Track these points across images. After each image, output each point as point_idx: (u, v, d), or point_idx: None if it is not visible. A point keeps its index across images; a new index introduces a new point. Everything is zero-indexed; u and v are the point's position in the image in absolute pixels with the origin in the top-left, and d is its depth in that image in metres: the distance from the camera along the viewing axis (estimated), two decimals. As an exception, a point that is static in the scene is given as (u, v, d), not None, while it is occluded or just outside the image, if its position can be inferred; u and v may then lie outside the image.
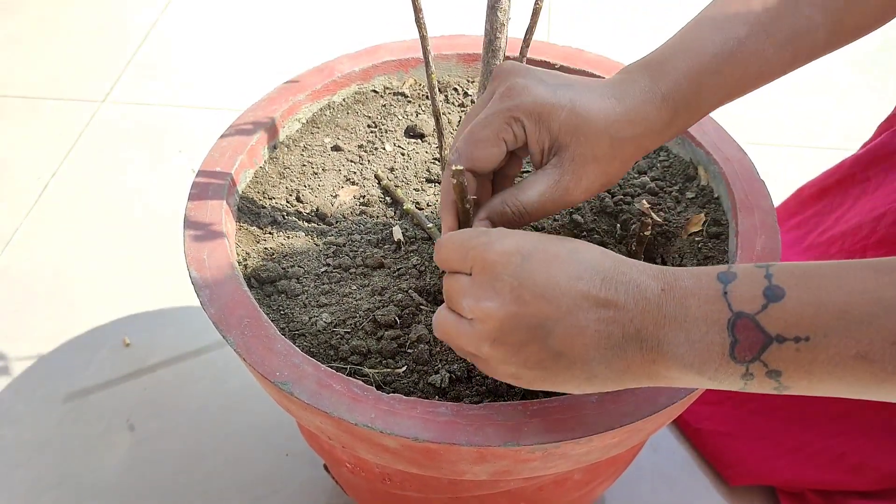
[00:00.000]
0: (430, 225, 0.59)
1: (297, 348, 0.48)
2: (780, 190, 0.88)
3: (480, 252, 0.39)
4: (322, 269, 0.57)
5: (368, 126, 0.69)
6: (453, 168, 0.40)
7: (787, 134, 1.29)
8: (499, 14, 0.48)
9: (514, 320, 0.37)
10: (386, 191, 0.63)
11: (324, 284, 0.56)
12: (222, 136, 0.63)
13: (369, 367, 0.50)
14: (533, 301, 0.37)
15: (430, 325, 0.53)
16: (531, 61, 0.70)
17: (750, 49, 0.45)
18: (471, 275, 0.39)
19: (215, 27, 1.53)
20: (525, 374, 0.39)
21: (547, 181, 0.43)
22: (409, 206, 0.61)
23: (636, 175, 0.64)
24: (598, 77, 0.68)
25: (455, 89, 0.72)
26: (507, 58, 0.53)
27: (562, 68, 0.70)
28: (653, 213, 0.60)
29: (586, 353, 0.37)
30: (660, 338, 0.36)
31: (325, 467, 0.70)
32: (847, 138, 1.27)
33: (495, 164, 0.44)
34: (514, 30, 0.51)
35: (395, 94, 0.72)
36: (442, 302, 0.55)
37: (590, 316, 0.36)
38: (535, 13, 0.48)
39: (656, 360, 0.36)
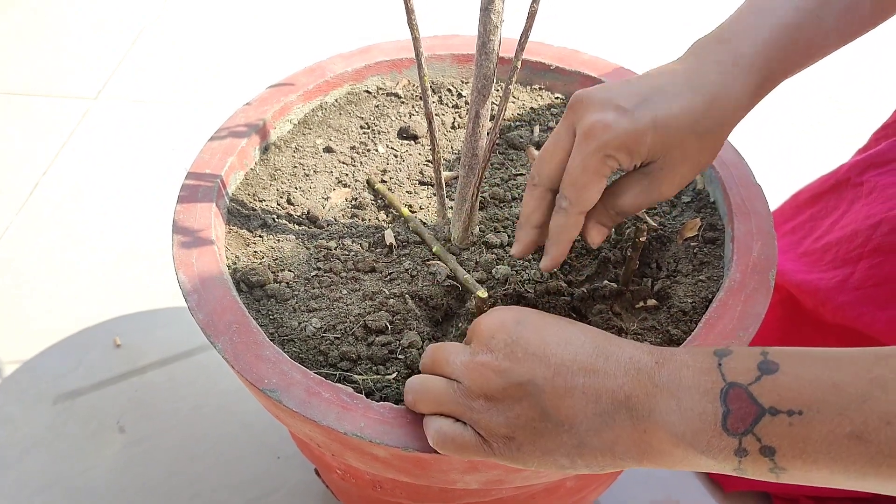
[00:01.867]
0: (428, 232, 0.58)
1: (285, 355, 0.47)
2: (777, 196, 0.88)
3: (476, 322, 0.42)
4: (312, 273, 0.56)
5: (361, 127, 0.68)
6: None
7: (784, 139, 1.29)
8: (492, 16, 0.47)
9: (506, 374, 0.38)
10: (379, 195, 0.62)
11: (314, 289, 0.55)
12: (212, 138, 0.62)
13: (359, 374, 0.49)
14: (525, 358, 0.38)
15: (422, 331, 0.52)
16: (526, 62, 0.70)
17: (816, 21, 0.45)
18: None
19: (209, 25, 1.52)
20: (518, 436, 0.38)
21: (639, 187, 0.46)
22: (405, 211, 0.60)
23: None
24: (596, 79, 0.68)
25: (449, 90, 0.71)
26: (500, 60, 0.52)
27: (557, 69, 0.69)
28: (647, 218, 0.59)
29: (574, 416, 0.37)
30: (651, 407, 0.36)
31: (317, 472, 0.70)
32: (846, 144, 1.27)
33: (598, 197, 0.46)
34: (510, 30, 0.50)
35: (388, 94, 0.71)
36: (434, 308, 0.54)
37: (577, 379, 0.37)
38: (531, 16, 0.47)
39: (647, 429, 0.36)
